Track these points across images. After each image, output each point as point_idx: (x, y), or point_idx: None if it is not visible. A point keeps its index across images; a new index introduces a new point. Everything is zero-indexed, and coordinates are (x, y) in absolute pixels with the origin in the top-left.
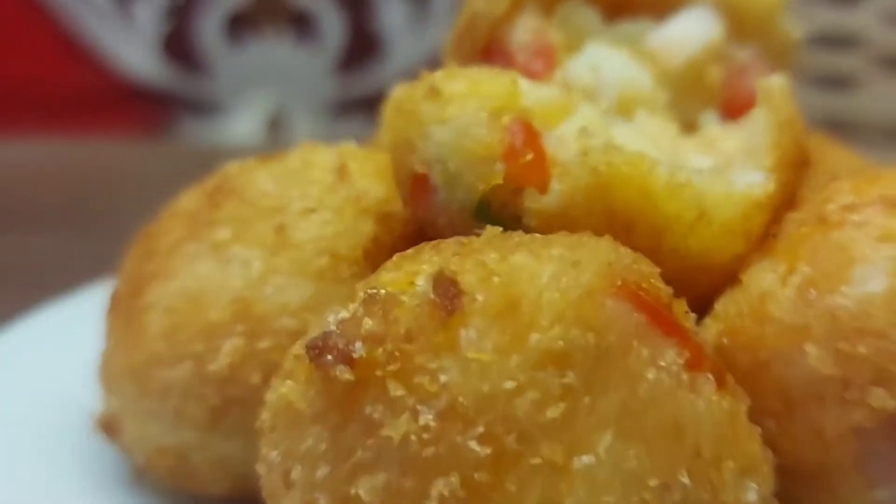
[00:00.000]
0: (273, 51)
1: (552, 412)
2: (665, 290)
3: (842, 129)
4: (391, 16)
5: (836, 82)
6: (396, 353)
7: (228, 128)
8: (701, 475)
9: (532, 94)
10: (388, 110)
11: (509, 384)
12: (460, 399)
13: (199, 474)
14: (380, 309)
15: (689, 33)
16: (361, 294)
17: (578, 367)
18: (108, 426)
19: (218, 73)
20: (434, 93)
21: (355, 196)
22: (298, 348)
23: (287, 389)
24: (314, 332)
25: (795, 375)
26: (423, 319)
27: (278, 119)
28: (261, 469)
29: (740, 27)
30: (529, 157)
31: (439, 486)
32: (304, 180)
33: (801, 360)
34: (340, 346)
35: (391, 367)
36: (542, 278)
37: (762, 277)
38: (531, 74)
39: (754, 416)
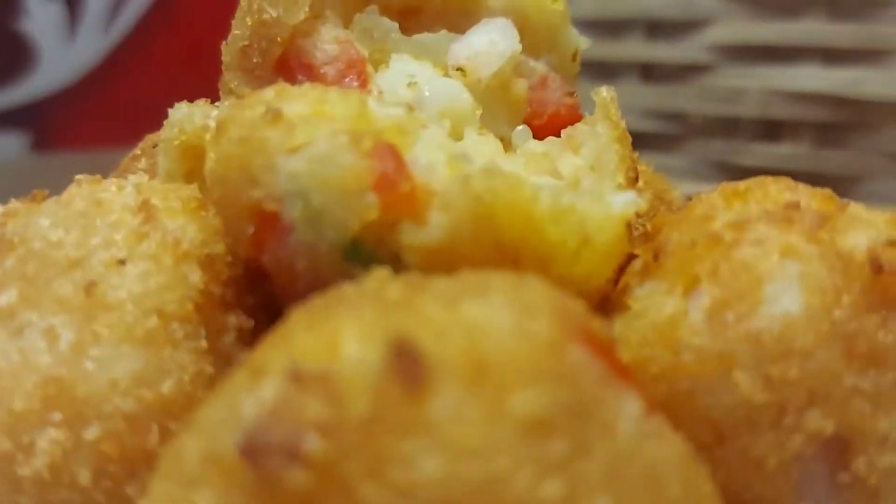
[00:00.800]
0: None
1: (552, 489)
2: (607, 330)
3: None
4: (40, 20)
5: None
6: (361, 444)
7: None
8: None
9: (380, 113)
10: (216, 137)
11: (501, 464)
12: (451, 490)
13: None
14: (318, 387)
15: (492, 46)
16: (277, 367)
17: (563, 430)
18: None
19: None
20: (275, 116)
21: (171, 240)
22: (207, 446)
23: (207, 500)
24: (227, 423)
25: (724, 404)
26: (384, 397)
27: None
28: None
29: (533, 40)
30: (407, 186)
31: None
32: (101, 224)
33: (730, 388)
34: (284, 440)
35: (357, 462)
36: (503, 331)
37: (660, 301)
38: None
39: None
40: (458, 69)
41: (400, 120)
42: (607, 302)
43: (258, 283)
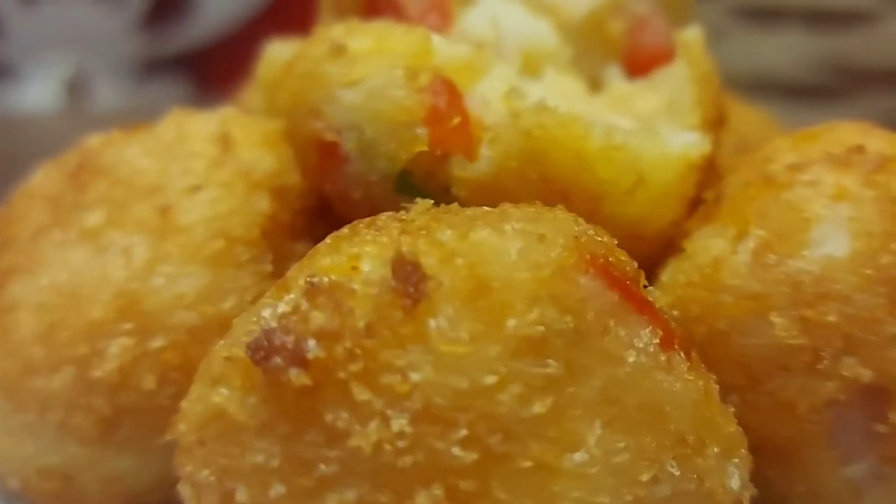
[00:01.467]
0: (69, 8)
1: (538, 407)
2: (631, 264)
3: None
4: None
5: None
6: (357, 351)
7: (22, 94)
8: (687, 463)
9: (444, 50)
10: (270, 71)
11: (490, 378)
12: (437, 399)
13: (87, 496)
14: (328, 300)
15: None
16: (300, 282)
17: (559, 353)
18: None
19: (8, 33)
20: (338, 51)
21: (245, 169)
22: (229, 349)
23: (220, 398)
24: (248, 329)
25: (759, 346)
26: (384, 309)
27: (78, 83)
28: (184, 490)
29: None
30: (457, 120)
31: (420, 500)
32: (183, 153)
33: (765, 330)
34: (289, 345)
35: (353, 367)
36: (510, 256)
37: (710, 244)
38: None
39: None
40: (548, 9)
41: (462, 56)
42: (672, 245)
43: (329, 213)
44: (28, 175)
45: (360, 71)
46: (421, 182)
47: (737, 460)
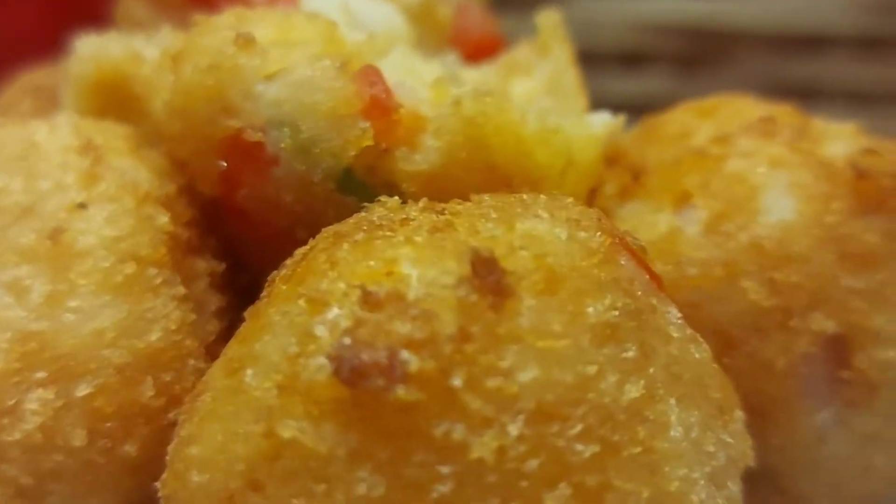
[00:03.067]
0: None
1: (634, 391)
2: (639, 243)
3: None
4: None
5: None
6: (458, 357)
7: None
8: (728, 430)
9: (349, 37)
10: (176, 67)
11: (591, 368)
12: (548, 396)
13: None
14: (402, 307)
15: None
16: (344, 292)
17: (631, 335)
18: None
19: None
20: (247, 41)
21: (130, 181)
22: (277, 377)
23: (287, 431)
24: (293, 353)
25: (732, 311)
26: (470, 310)
27: None
28: None
29: None
30: (402, 111)
31: (552, 502)
32: (46, 167)
33: (736, 296)
34: (383, 360)
35: (458, 375)
36: (563, 243)
37: (650, 220)
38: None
39: None
40: None
41: (364, 43)
42: None
43: (219, 225)
44: None
45: (276, 62)
46: (364, 179)
47: (744, 422)
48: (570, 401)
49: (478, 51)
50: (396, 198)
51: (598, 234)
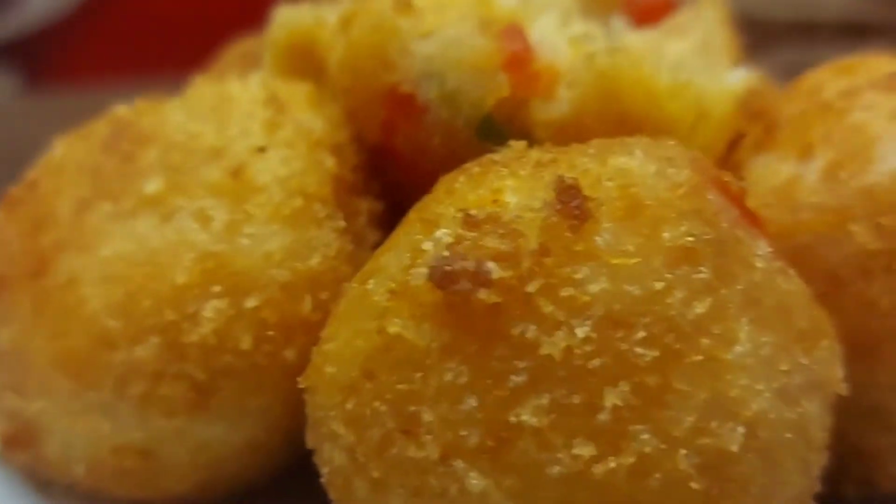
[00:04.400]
0: None
1: (700, 307)
2: (738, 183)
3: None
4: None
5: None
6: (536, 269)
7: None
8: (811, 354)
9: (500, 0)
10: (344, 28)
11: (658, 284)
12: (615, 306)
13: (165, 471)
14: (494, 227)
15: None
16: (452, 216)
17: (707, 260)
18: (16, 439)
19: None
20: (405, 5)
21: (306, 129)
22: (392, 283)
23: (394, 328)
24: (406, 264)
25: (842, 254)
26: (553, 231)
27: None
28: (338, 429)
29: None
30: (536, 65)
31: (610, 397)
32: (236, 116)
33: (846, 239)
34: (471, 269)
35: (535, 284)
36: (651, 177)
37: (776, 168)
38: None
39: None
40: None
41: (516, 6)
42: None
43: (382, 170)
44: None
45: (431, 23)
46: (502, 126)
47: (838, 353)
48: (636, 311)
49: (648, 15)
50: (524, 142)
51: (689, 171)
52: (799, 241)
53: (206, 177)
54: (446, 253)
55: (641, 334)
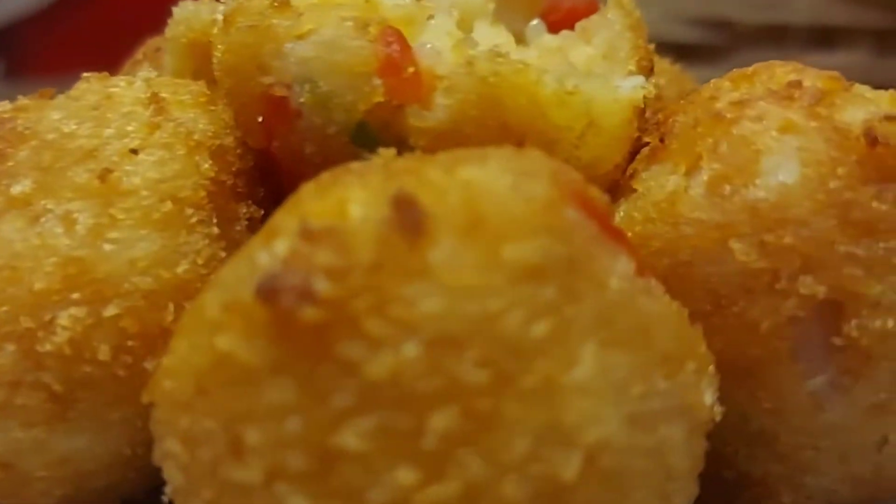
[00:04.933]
0: None
1: (540, 328)
2: (602, 198)
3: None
4: None
5: None
6: (366, 285)
7: None
8: (672, 378)
9: (387, 2)
10: (224, 28)
11: (495, 303)
12: (447, 325)
13: (28, 484)
14: (329, 240)
15: None
16: (292, 227)
17: (554, 278)
18: None
19: None
20: (282, 4)
21: (183, 131)
22: (225, 296)
23: (225, 343)
24: (242, 276)
25: (722, 272)
26: (387, 246)
27: None
28: (172, 447)
29: None
30: (411, 69)
31: (438, 420)
32: (114, 116)
33: (727, 257)
34: (298, 284)
35: (363, 300)
36: (501, 190)
37: (663, 181)
38: None
39: None
40: None
41: (406, 8)
42: (616, 188)
43: (267, 175)
44: None
45: (307, 23)
46: (377, 133)
47: (709, 377)
48: (469, 331)
49: (568, 19)
50: (393, 150)
51: (545, 184)
52: (681, 257)
53: (74, 179)
54: (278, 267)
55: (473, 355)
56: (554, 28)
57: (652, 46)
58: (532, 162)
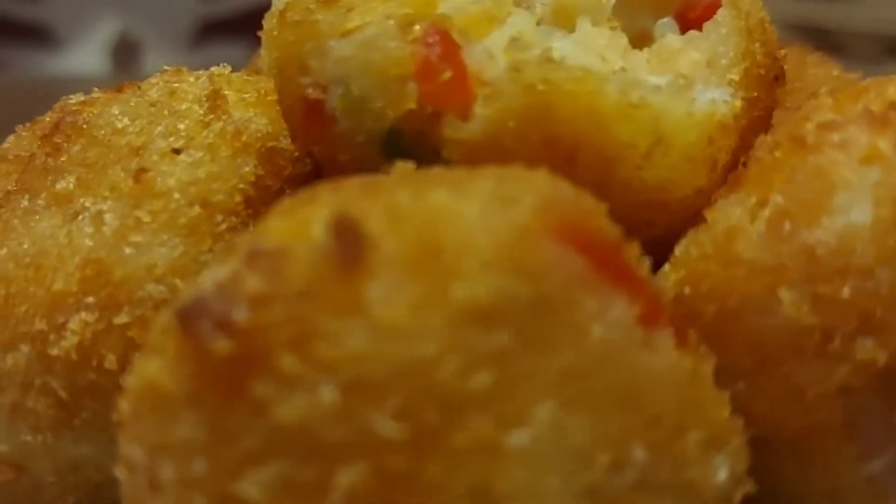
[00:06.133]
0: None
1: (480, 379)
2: (613, 231)
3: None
4: None
5: None
6: (289, 317)
7: (63, 60)
8: (660, 448)
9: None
10: (271, 22)
11: (428, 348)
12: (369, 368)
13: (41, 488)
14: (267, 264)
15: None
16: (244, 247)
17: (512, 323)
18: None
19: None
20: None
21: (233, 130)
22: (166, 316)
23: (153, 369)
24: (186, 296)
25: (768, 326)
26: (321, 275)
27: (124, 48)
28: (120, 472)
29: None
30: (447, 74)
31: (346, 476)
32: (168, 113)
33: (775, 308)
34: (218, 311)
35: (282, 334)
36: (467, 219)
37: (729, 213)
38: None
39: (722, 377)
40: None
41: (470, 6)
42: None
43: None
44: None
45: (354, 20)
46: (410, 143)
47: (727, 451)
48: (394, 377)
49: (707, 16)
50: (410, 164)
51: (526, 214)
52: (729, 304)
53: (112, 177)
54: (211, 290)
55: (394, 406)
56: (687, 26)
57: (784, 53)
58: (520, 185)
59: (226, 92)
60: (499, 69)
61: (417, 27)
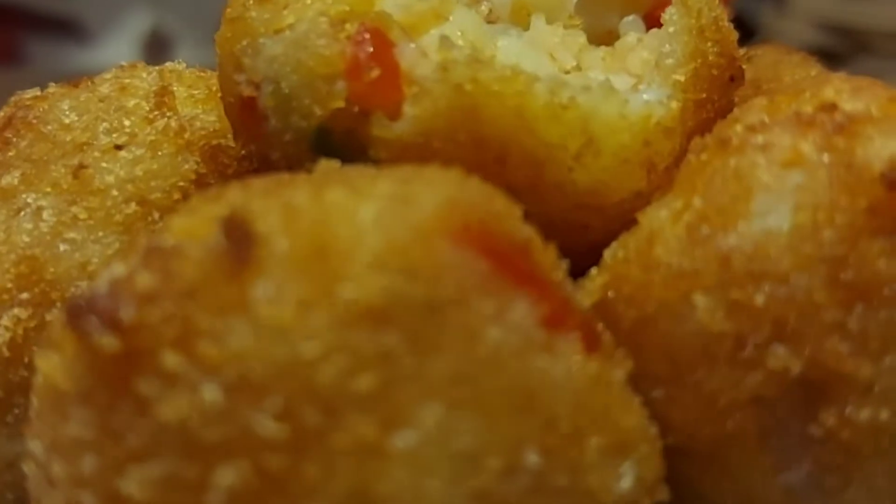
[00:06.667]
0: None
1: (364, 381)
2: (521, 233)
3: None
4: None
5: None
6: (174, 315)
7: (94, 54)
8: (556, 454)
9: None
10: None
11: (311, 348)
12: (252, 368)
13: None
14: (160, 262)
15: None
16: (143, 244)
17: (400, 324)
18: None
19: None
20: None
21: (177, 127)
22: (62, 313)
23: (51, 365)
24: (80, 293)
25: (683, 332)
26: (209, 273)
27: (157, 42)
28: (27, 468)
29: None
30: (376, 72)
31: (225, 475)
32: (116, 109)
33: (689, 314)
34: (106, 309)
35: (167, 333)
36: (362, 219)
37: (655, 216)
38: None
39: (640, 383)
40: None
41: (411, 3)
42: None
43: None
44: None
45: (288, 18)
46: (339, 142)
47: (634, 458)
48: (276, 377)
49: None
50: (334, 162)
51: (422, 214)
52: (646, 310)
53: (53, 173)
54: (104, 287)
55: (276, 405)
56: (652, 24)
57: (743, 53)
58: (423, 187)
59: (175, 88)
60: (429, 68)
61: (349, 25)
